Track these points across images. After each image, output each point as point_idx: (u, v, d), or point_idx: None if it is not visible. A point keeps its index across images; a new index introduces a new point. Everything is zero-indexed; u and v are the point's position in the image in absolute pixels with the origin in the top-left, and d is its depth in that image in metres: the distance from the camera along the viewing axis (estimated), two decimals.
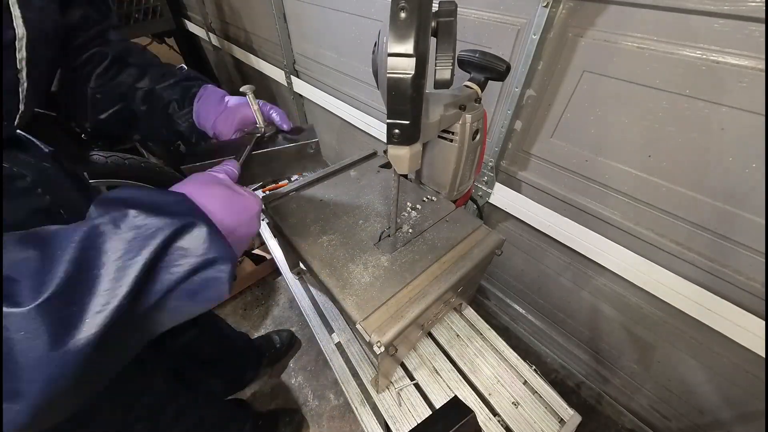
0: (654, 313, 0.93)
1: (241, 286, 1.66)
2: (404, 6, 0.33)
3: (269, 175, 0.71)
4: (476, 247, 0.72)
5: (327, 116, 1.79)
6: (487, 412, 0.82)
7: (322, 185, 0.89)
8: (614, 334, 1.08)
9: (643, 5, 0.64)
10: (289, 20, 1.64)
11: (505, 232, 1.22)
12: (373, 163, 0.97)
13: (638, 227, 0.83)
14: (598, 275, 1.01)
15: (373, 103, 1.41)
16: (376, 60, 0.43)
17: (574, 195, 0.92)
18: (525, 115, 0.92)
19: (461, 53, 0.65)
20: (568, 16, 0.74)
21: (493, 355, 0.92)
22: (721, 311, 0.76)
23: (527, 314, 1.39)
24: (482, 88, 0.66)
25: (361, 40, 1.30)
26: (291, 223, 0.77)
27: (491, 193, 1.09)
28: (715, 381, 0.89)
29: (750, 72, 0.57)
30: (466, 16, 0.91)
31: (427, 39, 0.37)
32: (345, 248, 0.71)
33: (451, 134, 0.64)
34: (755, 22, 0.54)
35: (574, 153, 0.87)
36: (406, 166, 0.47)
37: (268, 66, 1.96)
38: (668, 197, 0.76)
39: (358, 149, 1.21)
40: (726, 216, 0.70)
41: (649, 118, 0.71)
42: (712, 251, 0.75)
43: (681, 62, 0.63)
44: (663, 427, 1.11)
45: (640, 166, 0.77)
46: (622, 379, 1.16)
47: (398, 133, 0.42)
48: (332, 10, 1.33)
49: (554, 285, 1.18)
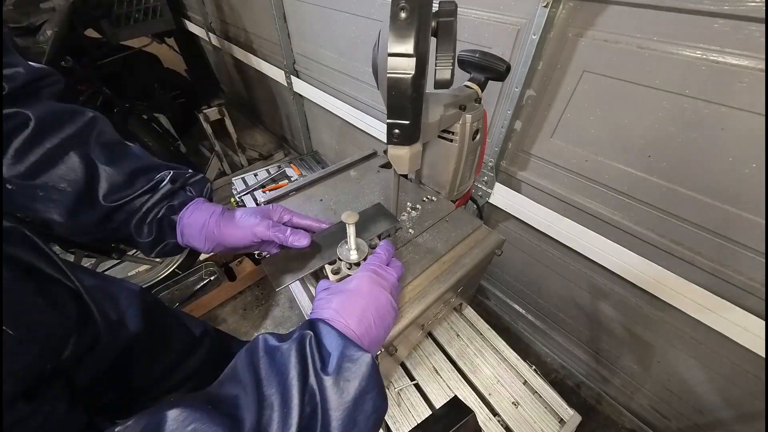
0: (654, 313, 0.93)
1: (241, 286, 1.66)
2: (404, 6, 0.33)
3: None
4: (476, 247, 0.72)
5: (327, 116, 1.79)
6: (487, 412, 0.82)
7: (322, 185, 0.89)
8: (614, 334, 1.08)
9: (643, 5, 0.64)
10: (289, 20, 1.64)
11: (505, 232, 1.22)
12: (373, 163, 0.97)
13: (638, 227, 0.83)
14: (598, 275, 1.01)
15: (373, 103, 1.41)
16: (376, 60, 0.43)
17: (574, 195, 0.92)
18: (525, 115, 0.92)
19: (461, 53, 0.65)
20: (568, 16, 0.74)
21: (493, 355, 0.92)
22: (721, 311, 0.76)
23: (527, 314, 1.39)
24: (482, 88, 0.66)
25: (361, 40, 1.30)
26: None
27: (491, 193, 1.09)
28: (715, 381, 0.89)
29: (750, 72, 0.57)
30: (466, 16, 0.91)
31: (427, 39, 0.37)
32: None
33: (451, 134, 0.65)
34: (755, 22, 0.54)
35: (574, 153, 0.87)
36: (406, 166, 0.47)
37: (268, 66, 1.96)
38: (668, 197, 0.76)
39: (358, 149, 1.21)
40: (726, 216, 0.69)
41: (649, 118, 0.71)
42: (712, 251, 0.75)
43: (681, 62, 0.63)
44: (663, 427, 1.11)
45: (640, 166, 0.77)
46: (622, 379, 1.16)
47: (398, 133, 0.42)
48: (332, 10, 1.33)
49: (554, 285, 1.18)
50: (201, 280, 1.52)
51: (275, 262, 0.56)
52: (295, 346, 0.36)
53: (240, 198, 1.80)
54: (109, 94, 1.98)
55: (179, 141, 2.29)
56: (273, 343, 0.37)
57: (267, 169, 1.97)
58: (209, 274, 1.54)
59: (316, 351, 0.36)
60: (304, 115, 2.05)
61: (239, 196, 1.80)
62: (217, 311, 1.59)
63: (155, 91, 2.43)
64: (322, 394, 0.33)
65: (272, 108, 2.46)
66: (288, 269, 0.55)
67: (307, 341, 0.37)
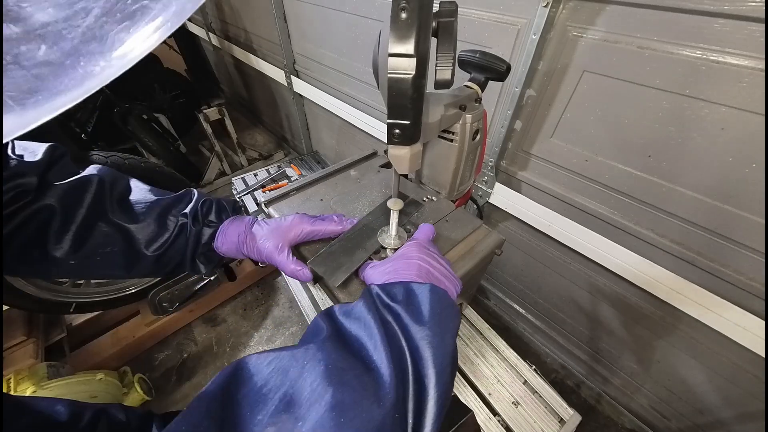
0: (654, 313, 0.93)
1: (241, 286, 1.66)
2: (405, 6, 0.33)
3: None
4: (476, 247, 0.72)
5: (327, 116, 1.79)
6: (487, 412, 0.82)
7: (322, 185, 0.89)
8: (614, 334, 1.08)
9: (643, 5, 0.64)
10: (289, 20, 1.64)
11: (505, 232, 1.22)
12: (374, 163, 0.97)
13: (638, 227, 0.83)
14: (598, 275, 1.01)
15: (373, 103, 1.41)
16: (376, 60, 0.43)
17: (574, 195, 0.92)
18: (525, 115, 0.92)
19: (462, 53, 0.65)
20: (568, 16, 0.74)
21: (493, 355, 0.92)
22: (721, 311, 0.76)
23: (527, 314, 1.39)
24: (482, 88, 0.66)
25: (361, 40, 1.30)
26: None
27: (491, 193, 1.09)
28: (715, 381, 0.89)
29: (750, 72, 0.57)
30: (466, 16, 0.91)
31: (427, 39, 0.37)
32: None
33: (451, 134, 0.64)
34: (755, 22, 0.54)
35: (574, 153, 0.87)
36: (406, 166, 0.47)
37: (268, 66, 1.96)
38: (668, 197, 0.76)
39: (358, 149, 1.21)
40: (726, 216, 0.70)
41: (649, 118, 0.71)
42: (712, 251, 0.75)
43: (681, 62, 0.63)
44: (663, 427, 1.11)
45: (640, 166, 0.77)
46: (622, 379, 1.16)
47: (399, 132, 0.42)
48: (332, 10, 1.33)
49: (554, 285, 1.18)
50: (201, 280, 1.51)
51: (322, 262, 0.57)
52: (366, 298, 0.39)
53: (240, 198, 1.80)
54: (108, 94, 1.98)
55: (179, 141, 2.29)
56: (346, 307, 0.39)
57: (267, 169, 1.97)
58: (209, 274, 1.54)
59: (383, 294, 0.39)
60: (304, 115, 2.05)
61: (239, 196, 1.80)
62: (217, 311, 1.59)
63: (155, 91, 2.43)
64: (399, 321, 0.35)
65: (272, 108, 2.46)
66: (337, 265, 0.56)
67: (372, 292, 0.39)
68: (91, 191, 0.51)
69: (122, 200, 0.55)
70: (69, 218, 0.48)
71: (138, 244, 0.53)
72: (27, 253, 0.47)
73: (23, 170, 0.46)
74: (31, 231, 0.46)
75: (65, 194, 0.49)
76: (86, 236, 0.49)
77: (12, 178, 0.44)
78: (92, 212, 0.50)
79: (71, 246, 0.48)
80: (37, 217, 0.46)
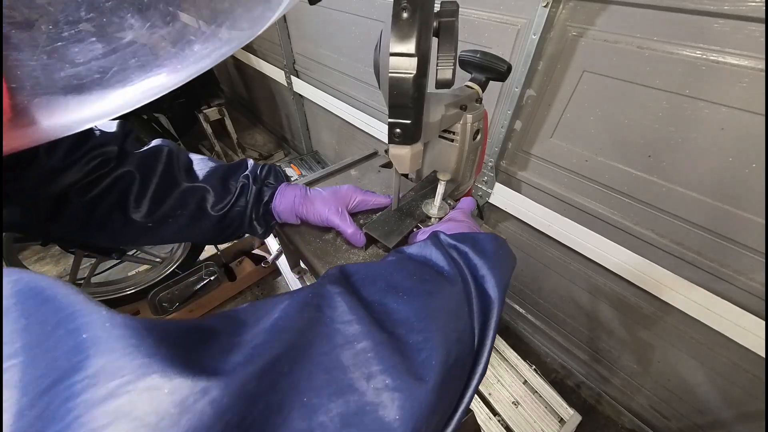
0: (654, 313, 0.93)
1: (241, 286, 1.66)
2: (406, 6, 0.33)
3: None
4: None
5: (327, 116, 1.79)
6: (487, 412, 0.82)
7: (322, 185, 0.89)
8: (614, 334, 1.08)
9: (643, 5, 0.64)
10: (289, 20, 1.64)
11: (505, 232, 1.22)
12: (374, 163, 0.97)
13: (638, 227, 0.84)
14: (598, 275, 1.01)
15: (373, 103, 1.41)
16: (377, 60, 0.43)
17: (574, 195, 0.92)
18: (525, 115, 0.92)
19: (462, 53, 0.65)
20: (568, 16, 0.74)
21: (493, 354, 0.92)
22: (721, 311, 0.76)
23: (527, 314, 1.39)
24: (483, 88, 0.66)
25: (361, 40, 1.30)
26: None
27: (491, 193, 1.09)
28: (715, 381, 0.89)
29: (750, 72, 0.57)
30: (466, 16, 0.91)
31: (429, 39, 0.37)
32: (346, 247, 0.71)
33: (451, 134, 0.64)
34: (755, 22, 0.54)
35: (574, 153, 0.87)
36: (407, 166, 0.47)
37: (268, 66, 1.96)
38: (668, 197, 0.76)
39: (358, 149, 1.22)
40: (726, 216, 0.70)
41: (649, 118, 0.71)
42: (712, 251, 0.75)
43: (681, 62, 0.63)
44: (663, 427, 1.11)
45: (640, 166, 0.78)
46: (622, 379, 1.16)
47: (400, 132, 0.42)
48: (332, 10, 1.33)
49: (554, 285, 1.18)
50: (201, 280, 1.51)
51: (377, 227, 0.62)
52: (432, 239, 0.42)
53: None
54: None
55: (179, 141, 2.29)
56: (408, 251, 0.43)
57: None
58: (209, 274, 1.54)
59: (449, 238, 0.42)
60: (304, 115, 2.05)
61: None
62: (217, 311, 1.59)
63: None
64: (466, 257, 0.39)
65: (272, 108, 2.45)
66: (390, 230, 0.61)
67: (438, 236, 0.43)
68: (162, 159, 0.56)
69: (188, 167, 0.60)
70: (146, 183, 0.54)
71: (205, 204, 0.58)
72: (110, 217, 0.52)
73: (107, 140, 0.51)
74: (114, 195, 0.51)
75: (142, 161, 0.54)
76: (163, 198, 0.55)
77: (97, 147, 0.49)
78: (165, 177, 0.56)
79: (149, 209, 0.54)
80: (119, 183, 0.52)
